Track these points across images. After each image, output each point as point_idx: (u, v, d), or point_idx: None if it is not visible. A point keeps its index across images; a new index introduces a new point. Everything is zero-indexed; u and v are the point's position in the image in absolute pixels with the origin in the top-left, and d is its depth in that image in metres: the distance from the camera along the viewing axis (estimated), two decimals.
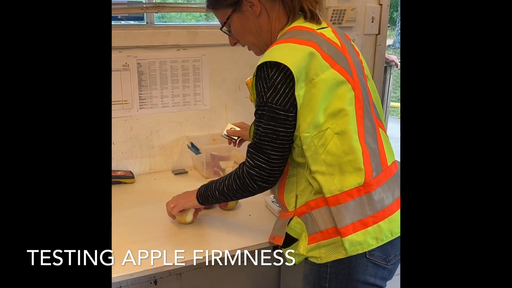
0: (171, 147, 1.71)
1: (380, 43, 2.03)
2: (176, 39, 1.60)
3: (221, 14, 1.05)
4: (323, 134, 0.94)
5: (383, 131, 1.05)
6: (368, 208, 0.96)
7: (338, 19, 1.86)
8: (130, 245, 1.14)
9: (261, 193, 1.03)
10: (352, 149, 0.95)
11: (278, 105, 0.92)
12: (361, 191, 0.96)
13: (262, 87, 0.93)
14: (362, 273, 0.97)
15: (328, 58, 0.94)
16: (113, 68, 1.53)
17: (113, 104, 1.57)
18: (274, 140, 0.95)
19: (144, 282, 1.71)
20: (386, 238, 0.97)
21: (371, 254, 0.96)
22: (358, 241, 0.95)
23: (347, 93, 0.95)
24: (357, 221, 0.95)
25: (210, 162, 1.64)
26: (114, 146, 1.61)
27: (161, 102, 1.64)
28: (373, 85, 1.10)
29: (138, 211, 1.36)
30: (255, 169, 0.98)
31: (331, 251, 0.97)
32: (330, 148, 0.94)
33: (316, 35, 0.97)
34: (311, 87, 0.92)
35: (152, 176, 1.66)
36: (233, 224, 1.28)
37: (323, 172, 0.95)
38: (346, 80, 0.95)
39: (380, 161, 0.99)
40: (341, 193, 0.95)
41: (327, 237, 0.97)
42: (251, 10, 1.01)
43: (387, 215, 0.98)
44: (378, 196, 0.97)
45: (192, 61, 1.65)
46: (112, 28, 1.51)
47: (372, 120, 1.01)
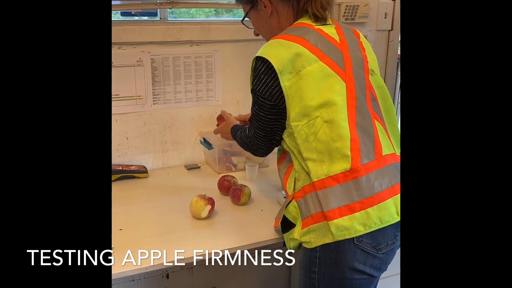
0: (183, 142, 1.72)
1: (393, 39, 2.02)
2: (189, 35, 1.60)
3: (243, 8, 1.20)
4: (313, 122, 1.00)
5: (379, 123, 1.07)
6: (356, 194, 0.98)
7: (351, 15, 1.85)
8: (144, 239, 1.16)
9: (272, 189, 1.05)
10: (340, 136, 0.98)
11: (260, 92, 1.05)
12: (347, 176, 0.98)
13: (252, 76, 1.07)
14: (350, 259, 0.98)
15: (317, 51, 1.02)
16: (127, 64, 1.54)
17: (127, 99, 1.58)
18: (258, 121, 1.10)
19: (156, 276, 1.73)
20: (375, 225, 0.98)
21: (359, 240, 0.98)
22: (345, 225, 0.97)
23: (336, 84, 1.01)
24: (343, 205, 0.97)
25: (222, 157, 1.65)
26: (128, 141, 1.63)
27: (174, 98, 1.65)
28: (378, 81, 1.13)
29: (151, 205, 1.37)
30: (248, 139, 1.17)
31: (319, 236, 0.99)
32: (320, 136, 0.99)
33: (312, 30, 1.06)
34: (298, 78, 1.00)
35: (165, 171, 1.68)
36: (246, 219, 1.29)
37: (314, 159, 1.00)
38: (335, 72, 1.02)
39: (373, 150, 1.01)
40: (327, 177, 0.99)
41: (316, 221, 1.00)
42: (264, 10, 1.13)
43: (377, 202, 0.98)
44: (367, 183, 0.98)
45: (205, 56, 1.66)
46: (126, 24, 1.53)
47: (367, 111, 1.04)
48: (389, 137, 1.09)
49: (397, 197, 1.01)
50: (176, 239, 1.16)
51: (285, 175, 1.12)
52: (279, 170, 1.16)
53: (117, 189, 1.47)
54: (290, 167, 1.10)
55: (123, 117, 1.59)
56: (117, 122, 1.59)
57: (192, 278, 1.81)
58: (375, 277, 1.04)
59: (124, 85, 1.56)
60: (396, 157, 1.07)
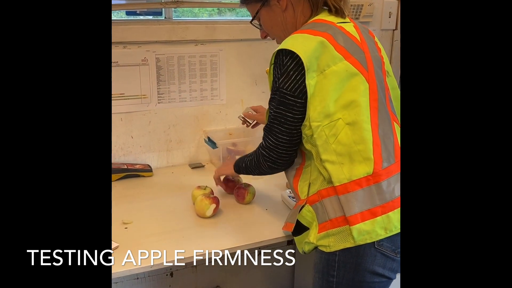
0: (188, 141, 1.73)
1: (397, 39, 2.02)
2: (194, 34, 1.61)
3: (251, 8, 1.12)
4: (335, 124, 0.97)
5: (398, 125, 1.06)
6: (377, 198, 0.97)
7: (355, 14, 1.85)
8: (149, 237, 1.16)
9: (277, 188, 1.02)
10: (363, 139, 0.96)
11: (288, 90, 0.97)
12: (370, 180, 0.97)
13: (277, 73, 0.99)
14: (370, 262, 0.98)
15: (342, 50, 0.97)
16: (132, 63, 1.55)
17: (132, 98, 1.59)
18: (282, 124, 1.01)
19: (160, 274, 1.74)
20: (395, 229, 0.97)
21: (380, 244, 0.97)
22: (366, 230, 0.96)
23: (360, 85, 0.98)
24: (365, 210, 0.96)
25: (226, 156, 1.65)
26: (133, 139, 1.63)
27: (179, 97, 1.65)
28: (393, 82, 1.11)
29: (156, 204, 1.38)
30: (266, 150, 1.06)
31: (339, 240, 0.98)
32: (341, 138, 0.97)
33: (335, 27, 1.01)
34: (322, 77, 0.95)
35: (169, 170, 1.68)
36: (250, 218, 1.30)
37: (333, 162, 0.98)
38: (359, 72, 0.98)
39: (393, 153, 1.00)
40: (350, 182, 0.97)
41: (336, 225, 0.99)
42: (278, 4, 1.07)
43: (397, 206, 0.98)
44: (388, 187, 0.97)
45: (210, 56, 1.66)
46: (131, 23, 1.53)
47: (387, 113, 1.03)
48: None
49: None
50: (181, 237, 1.17)
51: (295, 178, 1.09)
52: (287, 172, 1.12)
53: (122, 188, 1.48)
54: (298, 169, 1.08)
55: (128, 116, 1.60)
56: (122, 121, 1.59)
57: (196, 276, 1.82)
58: (392, 279, 1.04)
59: (129, 84, 1.56)
60: None
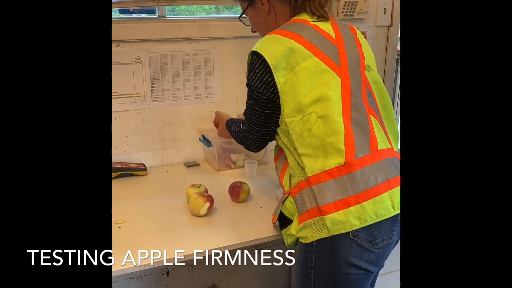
0: (183, 139, 1.72)
1: (392, 35, 2.01)
2: (187, 32, 1.60)
3: (241, 5, 1.21)
4: (308, 118, 1.00)
5: (375, 118, 1.06)
6: (350, 188, 0.97)
7: (350, 11, 1.84)
8: (143, 236, 1.16)
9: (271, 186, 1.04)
10: (334, 131, 0.99)
11: (255, 87, 1.05)
12: (342, 170, 0.98)
13: (248, 70, 1.08)
14: (346, 253, 0.98)
15: (312, 47, 1.02)
16: (125, 61, 1.54)
17: (126, 97, 1.58)
18: (252, 115, 1.11)
19: (156, 273, 1.73)
20: (370, 219, 0.97)
21: (355, 234, 0.97)
22: (340, 220, 0.97)
23: (331, 80, 1.02)
24: (338, 200, 0.97)
25: (221, 155, 1.64)
26: (127, 138, 1.63)
27: (173, 95, 1.65)
28: (375, 76, 1.13)
29: (151, 203, 1.37)
30: (242, 133, 1.19)
31: (315, 230, 0.99)
32: (314, 131, 1.00)
33: (307, 26, 1.06)
34: (292, 74, 1.01)
35: (164, 169, 1.68)
36: (245, 216, 1.29)
37: (309, 155, 1.00)
38: (329, 68, 1.02)
39: (368, 144, 1.01)
40: (322, 172, 0.99)
41: (312, 216, 1.00)
42: (261, 7, 1.14)
43: (372, 196, 0.98)
44: (361, 177, 0.98)
45: (204, 54, 1.65)
46: (124, 21, 1.52)
47: (362, 106, 1.04)
48: (386, 133, 1.08)
49: (393, 191, 1.00)
50: (175, 236, 1.16)
51: (282, 172, 1.13)
52: (276, 167, 1.17)
53: (116, 187, 1.47)
54: (286, 163, 1.10)
55: (121, 114, 1.59)
56: (115, 120, 1.58)
57: (192, 275, 1.81)
58: (372, 272, 1.04)
59: (122, 83, 1.56)
60: (393, 152, 1.07)
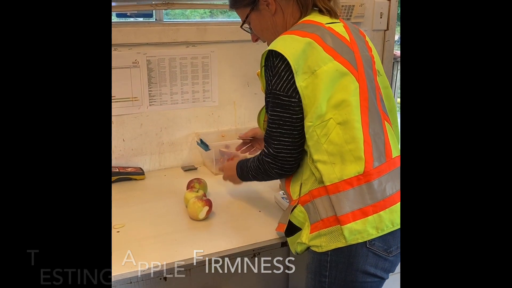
0: (180, 143, 1.72)
1: (388, 39, 2.02)
2: (185, 36, 1.60)
3: (240, 12, 1.12)
4: (326, 124, 0.97)
5: (389, 125, 1.06)
6: (368, 197, 0.97)
7: (347, 15, 1.85)
8: (141, 241, 1.15)
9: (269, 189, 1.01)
10: (354, 138, 0.96)
11: (281, 91, 0.98)
12: (360, 180, 0.97)
13: (269, 75, 0.99)
14: (362, 262, 0.98)
15: (331, 50, 0.98)
16: (123, 65, 1.54)
17: (123, 101, 1.57)
18: (281, 126, 1.00)
19: (154, 278, 1.72)
20: (387, 228, 0.97)
21: (372, 244, 0.97)
22: (358, 229, 0.96)
23: (351, 84, 0.98)
24: (356, 209, 0.96)
25: (219, 159, 1.64)
26: (124, 143, 1.62)
27: (171, 99, 1.64)
28: (385, 81, 1.11)
29: (148, 207, 1.37)
30: (270, 157, 1.04)
31: (331, 240, 0.98)
32: (333, 137, 0.97)
33: (323, 28, 1.01)
34: (313, 78, 0.96)
35: (162, 173, 1.67)
36: (243, 220, 1.29)
37: (324, 161, 0.97)
38: (349, 71, 0.98)
39: (384, 152, 1.00)
40: (341, 181, 0.97)
41: (327, 225, 0.98)
42: (267, 8, 1.07)
43: (388, 205, 0.98)
44: (379, 186, 0.97)
45: (201, 57, 1.65)
46: (122, 25, 1.52)
47: (378, 113, 1.03)
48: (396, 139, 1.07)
49: None
50: (174, 240, 1.16)
51: (287, 179, 1.08)
52: None
53: (114, 191, 1.46)
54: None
55: (119, 118, 1.59)
56: (113, 124, 1.58)
57: (190, 280, 1.80)
58: (384, 279, 1.03)
59: (120, 87, 1.55)
60: None
